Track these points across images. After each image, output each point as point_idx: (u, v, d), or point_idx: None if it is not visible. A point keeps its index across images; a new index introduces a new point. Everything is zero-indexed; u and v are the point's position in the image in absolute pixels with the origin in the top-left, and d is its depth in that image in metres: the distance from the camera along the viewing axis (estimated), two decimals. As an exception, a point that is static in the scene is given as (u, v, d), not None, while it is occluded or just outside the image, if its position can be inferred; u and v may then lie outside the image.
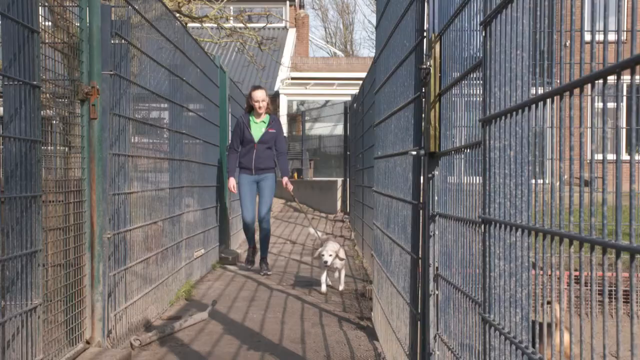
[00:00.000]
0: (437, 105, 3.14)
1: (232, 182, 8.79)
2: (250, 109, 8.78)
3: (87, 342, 4.44)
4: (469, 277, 2.57)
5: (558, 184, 1.51)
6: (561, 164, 1.41)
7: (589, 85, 1.29)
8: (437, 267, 3.19)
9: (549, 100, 1.55)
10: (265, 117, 8.76)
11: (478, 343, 2.35)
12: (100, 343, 4.49)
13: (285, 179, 8.80)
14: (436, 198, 3.18)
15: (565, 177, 1.49)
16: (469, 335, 2.53)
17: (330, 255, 7.26)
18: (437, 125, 3.15)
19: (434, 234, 3.20)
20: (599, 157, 1.25)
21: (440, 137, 3.14)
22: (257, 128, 8.72)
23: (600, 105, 1.34)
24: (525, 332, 1.80)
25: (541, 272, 1.65)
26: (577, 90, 1.38)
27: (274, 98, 27.15)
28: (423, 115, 3.39)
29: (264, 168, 8.76)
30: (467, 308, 2.56)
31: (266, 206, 8.81)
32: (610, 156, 1.18)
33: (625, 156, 1.17)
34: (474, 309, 2.45)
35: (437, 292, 3.18)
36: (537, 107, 1.63)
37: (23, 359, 3.34)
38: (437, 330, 3.18)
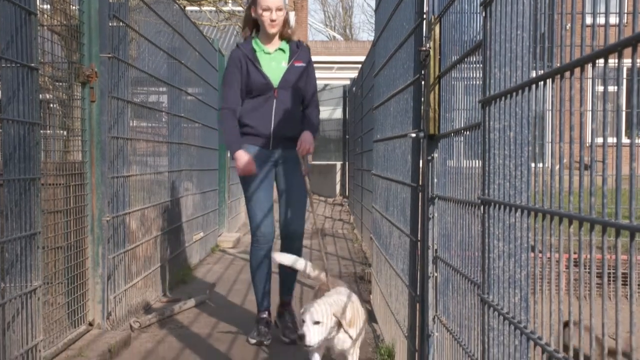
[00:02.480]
0: (437, 87, 3.14)
1: (243, 158, 4.60)
2: (254, 31, 4.92)
3: (90, 324, 4.46)
4: (468, 259, 2.58)
5: (558, 167, 1.51)
6: (561, 143, 1.41)
7: (590, 65, 1.28)
8: (436, 250, 3.19)
9: (549, 81, 1.55)
10: (283, 44, 4.87)
11: (477, 324, 2.36)
12: (100, 325, 4.50)
13: (306, 136, 4.70)
14: (435, 180, 3.18)
15: (565, 160, 1.49)
16: (468, 317, 2.54)
17: (318, 324, 3.42)
18: (436, 107, 3.15)
19: (433, 216, 3.21)
20: (599, 140, 1.25)
21: (440, 120, 3.14)
22: (273, 62, 4.81)
23: (601, 88, 1.34)
24: (524, 312, 1.81)
25: (540, 255, 1.66)
26: (577, 72, 1.38)
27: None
28: (422, 97, 3.39)
29: (291, 137, 4.76)
30: (466, 290, 2.57)
31: (300, 213, 4.83)
32: (611, 139, 1.18)
33: (625, 139, 1.17)
34: (472, 291, 2.46)
35: (436, 274, 3.19)
36: (537, 87, 1.63)
37: (23, 340, 3.35)
38: (436, 312, 3.19)
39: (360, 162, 10.28)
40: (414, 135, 3.40)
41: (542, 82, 1.60)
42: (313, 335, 3.37)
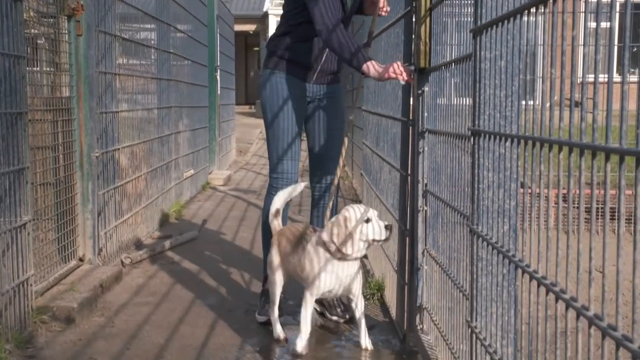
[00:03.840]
0: (428, 20, 3.10)
1: (395, 69, 3.32)
2: None
3: (81, 260, 4.47)
4: (458, 193, 2.58)
5: (549, 104, 1.50)
6: (552, 70, 1.39)
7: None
8: (426, 184, 3.20)
9: (541, 7, 1.52)
10: None
11: (466, 256, 2.38)
12: (91, 260, 4.52)
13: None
14: (426, 114, 3.16)
15: (556, 97, 1.47)
16: (457, 249, 2.56)
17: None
18: (427, 40, 3.11)
19: (423, 151, 3.20)
20: (590, 77, 1.24)
21: (431, 53, 3.10)
22: None
23: (593, 24, 1.32)
24: (512, 242, 1.82)
25: (530, 191, 1.65)
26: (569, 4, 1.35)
27: (263, 19, 26.74)
28: (413, 32, 3.34)
29: (333, 71, 4.00)
30: (455, 223, 2.58)
31: (334, 163, 3.94)
32: (602, 76, 1.16)
33: (617, 77, 1.15)
34: (462, 224, 2.47)
35: (425, 208, 3.20)
36: (529, 13, 1.61)
37: (14, 274, 3.36)
38: (426, 245, 3.20)
39: (350, 99, 10.21)
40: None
41: (534, 9, 1.57)
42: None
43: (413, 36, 3.33)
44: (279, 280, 3.59)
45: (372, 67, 3.43)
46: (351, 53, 3.48)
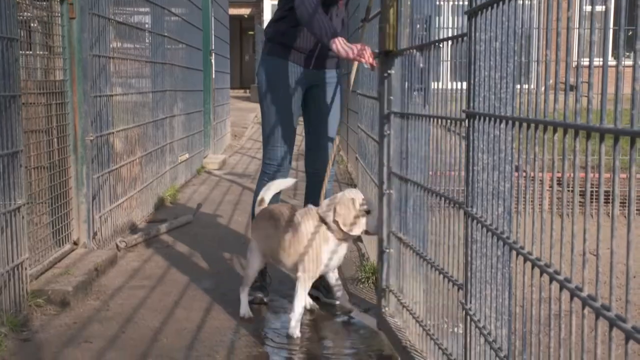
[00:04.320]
0: (396, 3, 3.09)
1: (365, 53, 3.37)
2: None
3: (75, 244, 4.47)
4: (435, 176, 2.58)
5: (543, 88, 1.49)
6: (548, 51, 1.39)
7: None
8: (390, 167, 3.19)
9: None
10: None
11: (448, 238, 2.38)
12: (86, 244, 4.51)
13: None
14: (391, 97, 3.15)
15: (551, 81, 1.47)
16: (436, 232, 2.55)
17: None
18: (394, 23, 3.10)
19: (388, 134, 3.18)
20: (585, 61, 1.23)
21: (397, 36, 3.09)
22: None
23: (588, 8, 1.31)
24: (507, 224, 1.82)
25: (524, 173, 1.65)
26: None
27: (258, 3, 26.62)
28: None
29: (333, 57, 3.97)
30: (433, 205, 2.58)
31: (327, 150, 4.04)
32: (597, 60, 1.15)
33: (612, 61, 1.15)
34: (441, 205, 2.46)
35: (390, 191, 3.19)
36: (524, -5, 1.60)
37: (8, 258, 3.36)
38: (391, 228, 3.18)
39: (345, 83, 10.19)
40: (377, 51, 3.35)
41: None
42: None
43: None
44: (256, 263, 3.65)
45: (336, 44, 3.46)
46: (320, 28, 3.50)
